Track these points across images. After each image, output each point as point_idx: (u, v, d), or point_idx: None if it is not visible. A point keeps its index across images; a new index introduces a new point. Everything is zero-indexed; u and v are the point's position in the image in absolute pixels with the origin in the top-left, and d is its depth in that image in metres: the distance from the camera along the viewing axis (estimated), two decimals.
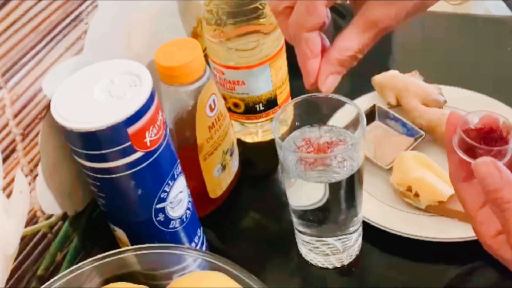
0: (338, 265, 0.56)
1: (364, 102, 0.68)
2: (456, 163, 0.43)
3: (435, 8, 0.45)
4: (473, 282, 0.54)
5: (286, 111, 0.51)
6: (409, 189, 0.57)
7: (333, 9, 0.92)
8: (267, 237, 0.60)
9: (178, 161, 0.50)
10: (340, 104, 0.49)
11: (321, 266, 0.56)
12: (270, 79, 0.64)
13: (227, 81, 0.64)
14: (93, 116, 0.42)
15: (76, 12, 0.48)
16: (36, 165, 0.47)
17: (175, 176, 0.49)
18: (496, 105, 0.66)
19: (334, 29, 0.48)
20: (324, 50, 0.43)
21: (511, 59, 0.76)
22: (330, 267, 0.56)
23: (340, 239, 0.54)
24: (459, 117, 0.43)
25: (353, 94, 0.68)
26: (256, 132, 0.69)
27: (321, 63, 0.43)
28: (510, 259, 0.39)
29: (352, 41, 0.42)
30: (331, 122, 0.51)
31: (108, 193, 0.47)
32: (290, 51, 0.67)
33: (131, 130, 0.43)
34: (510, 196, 0.37)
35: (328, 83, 0.43)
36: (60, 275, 0.44)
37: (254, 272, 0.43)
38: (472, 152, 0.41)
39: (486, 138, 0.42)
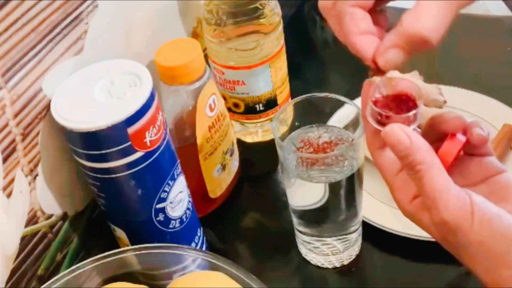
0: (338, 265, 0.56)
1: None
2: (371, 131, 0.42)
3: None
4: (473, 282, 0.53)
5: (286, 111, 0.51)
6: None
7: None
8: (267, 237, 0.60)
9: (178, 161, 0.50)
10: (340, 104, 0.49)
11: (321, 266, 0.56)
12: (270, 79, 0.64)
13: (227, 81, 0.64)
14: (93, 116, 0.42)
15: (76, 12, 0.48)
16: (36, 165, 0.47)
17: (175, 176, 0.49)
18: (496, 105, 0.66)
19: None
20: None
21: (511, 59, 0.76)
22: (330, 267, 0.56)
23: (340, 239, 0.54)
24: (374, 86, 0.41)
25: (353, 94, 0.68)
26: (256, 132, 0.69)
27: (388, 33, 0.39)
28: (426, 224, 0.39)
29: (424, 15, 0.38)
30: (331, 122, 0.51)
31: (108, 193, 0.47)
32: (290, 51, 0.67)
33: (131, 130, 0.43)
34: (421, 158, 0.37)
35: (389, 56, 0.39)
36: (60, 275, 0.44)
37: (254, 272, 0.43)
38: (382, 120, 0.40)
39: (397, 105, 0.40)
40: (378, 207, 0.58)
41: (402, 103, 0.41)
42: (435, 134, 0.42)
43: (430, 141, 0.39)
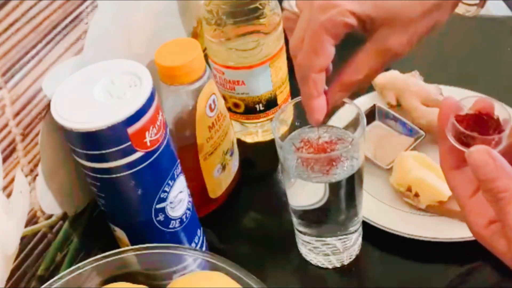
0: (338, 265, 0.56)
1: (364, 102, 0.68)
2: (447, 149, 0.42)
3: None
4: (473, 282, 0.54)
5: (286, 111, 0.51)
6: (409, 189, 0.57)
7: None
8: (267, 237, 0.60)
9: (178, 161, 0.50)
10: (340, 104, 0.49)
11: (321, 266, 0.56)
12: (270, 79, 0.64)
13: (227, 81, 0.64)
14: (93, 116, 0.42)
15: (76, 12, 0.48)
16: (36, 165, 0.47)
17: (175, 176, 0.49)
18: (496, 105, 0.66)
19: None
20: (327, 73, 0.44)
21: (511, 59, 0.76)
22: (330, 267, 0.56)
23: (340, 239, 0.54)
24: (453, 103, 0.42)
25: (353, 94, 0.68)
26: (256, 132, 0.69)
27: (332, 86, 0.45)
28: (502, 250, 0.38)
29: (364, 67, 0.43)
30: (331, 122, 0.51)
31: (108, 193, 0.47)
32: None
33: (131, 130, 0.43)
34: (505, 185, 0.36)
35: (334, 99, 0.45)
36: (60, 275, 0.44)
37: (254, 272, 0.43)
38: (465, 139, 0.40)
39: (480, 125, 0.40)
40: (378, 207, 0.58)
41: (484, 123, 0.40)
42: None
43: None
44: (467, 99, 0.41)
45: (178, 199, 0.50)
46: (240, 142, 0.68)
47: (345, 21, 0.41)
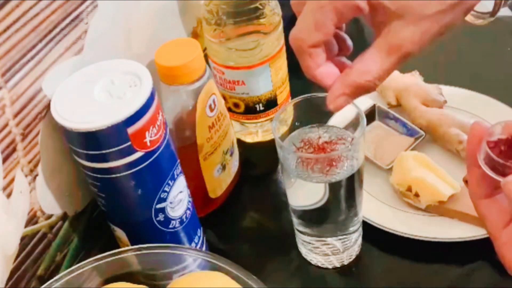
0: (338, 265, 0.56)
1: (364, 102, 0.68)
2: (477, 177, 0.40)
3: None
4: (473, 282, 0.54)
5: (286, 111, 0.51)
6: (409, 189, 0.57)
7: None
8: (267, 237, 0.60)
9: (178, 161, 0.50)
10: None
11: (321, 266, 0.56)
12: (270, 79, 0.64)
13: (227, 81, 0.64)
14: (93, 116, 0.42)
15: (76, 12, 0.48)
16: (36, 165, 0.47)
17: (175, 176, 0.49)
18: (496, 105, 0.66)
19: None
20: (343, 68, 0.42)
21: (511, 59, 0.76)
22: (330, 267, 0.56)
23: (340, 239, 0.54)
24: (483, 129, 0.40)
25: None
26: (256, 132, 0.69)
27: (336, 81, 0.42)
28: None
29: (373, 65, 0.40)
30: (331, 122, 0.51)
31: (108, 193, 0.47)
32: (290, 51, 0.67)
33: (131, 130, 0.43)
34: None
35: (338, 103, 0.42)
36: (60, 275, 0.44)
37: (254, 272, 0.43)
38: (500, 168, 0.38)
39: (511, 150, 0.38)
40: (378, 207, 0.58)
41: None
42: None
43: None
44: (496, 125, 0.39)
45: (178, 199, 0.50)
46: (240, 142, 0.68)
47: (357, 4, 0.39)
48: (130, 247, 0.47)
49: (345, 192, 0.50)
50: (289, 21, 0.87)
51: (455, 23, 0.40)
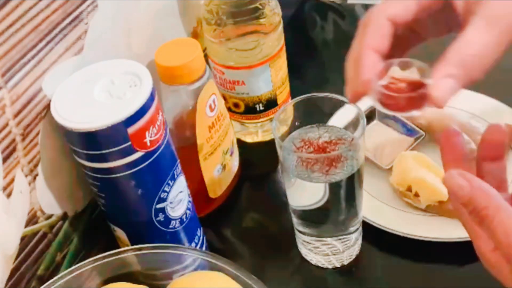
0: (338, 265, 0.56)
1: (364, 102, 0.67)
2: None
3: None
4: (472, 282, 0.54)
5: (286, 111, 0.51)
6: (409, 189, 0.57)
7: (333, 9, 0.92)
8: (267, 237, 0.60)
9: (178, 161, 0.50)
10: (340, 104, 0.49)
11: (321, 266, 0.56)
12: (270, 79, 0.64)
13: (227, 81, 0.64)
14: (93, 116, 0.42)
15: (76, 12, 0.48)
16: (36, 165, 0.47)
17: (175, 176, 0.49)
18: (496, 105, 0.66)
19: (334, 27, 0.47)
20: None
21: (511, 59, 0.76)
22: (330, 267, 0.56)
23: (340, 239, 0.54)
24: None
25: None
26: (256, 132, 0.69)
27: (435, 68, 0.37)
28: (506, 274, 0.36)
29: (473, 38, 0.37)
30: (331, 122, 0.51)
31: (108, 193, 0.47)
32: (290, 51, 0.67)
33: (131, 130, 0.43)
34: (485, 202, 0.35)
35: (442, 87, 0.36)
36: (60, 275, 0.44)
37: (254, 272, 0.43)
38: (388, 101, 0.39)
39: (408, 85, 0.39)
40: (378, 207, 0.58)
41: (412, 83, 0.39)
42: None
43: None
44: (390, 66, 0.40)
45: (178, 199, 0.50)
46: (240, 142, 0.68)
47: None
48: (130, 247, 0.47)
49: (345, 192, 0.50)
50: (289, 21, 0.87)
51: None
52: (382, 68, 0.39)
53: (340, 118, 0.51)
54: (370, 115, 0.66)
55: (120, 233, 0.51)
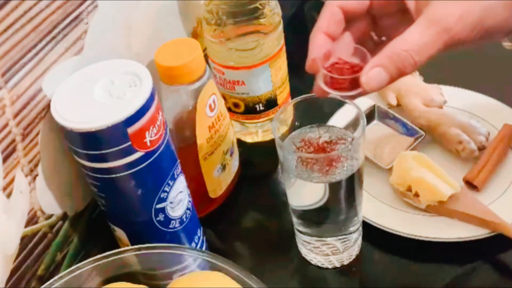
0: (338, 265, 0.56)
1: (364, 102, 0.68)
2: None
3: None
4: (472, 282, 0.54)
5: (286, 111, 0.51)
6: (409, 189, 0.57)
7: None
8: (267, 237, 0.60)
9: (178, 161, 0.50)
10: (340, 104, 0.49)
11: (321, 266, 0.56)
12: (270, 79, 0.64)
13: (227, 81, 0.64)
14: (93, 116, 0.42)
15: (76, 12, 0.48)
16: (36, 165, 0.47)
17: (175, 176, 0.49)
18: (496, 105, 0.66)
19: None
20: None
21: (511, 59, 0.76)
22: (330, 267, 0.56)
23: (340, 239, 0.54)
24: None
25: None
26: (256, 132, 0.69)
27: (373, 57, 0.41)
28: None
29: (411, 37, 0.40)
30: (331, 122, 0.51)
31: (108, 193, 0.47)
32: (290, 51, 0.67)
33: (131, 130, 0.43)
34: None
35: (370, 74, 0.40)
36: (60, 275, 0.44)
37: (254, 272, 0.43)
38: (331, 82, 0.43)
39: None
40: (378, 207, 0.58)
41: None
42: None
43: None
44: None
45: (178, 199, 0.50)
46: (240, 142, 0.68)
47: None
48: (130, 247, 0.47)
49: (345, 192, 0.50)
50: (289, 21, 0.87)
51: (494, 18, 0.40)
52: (328, 50, 0.43)
53: (340, 118, 0.51)
54: (370, 115, 0.66)
55: (120, 233, 0.51)
